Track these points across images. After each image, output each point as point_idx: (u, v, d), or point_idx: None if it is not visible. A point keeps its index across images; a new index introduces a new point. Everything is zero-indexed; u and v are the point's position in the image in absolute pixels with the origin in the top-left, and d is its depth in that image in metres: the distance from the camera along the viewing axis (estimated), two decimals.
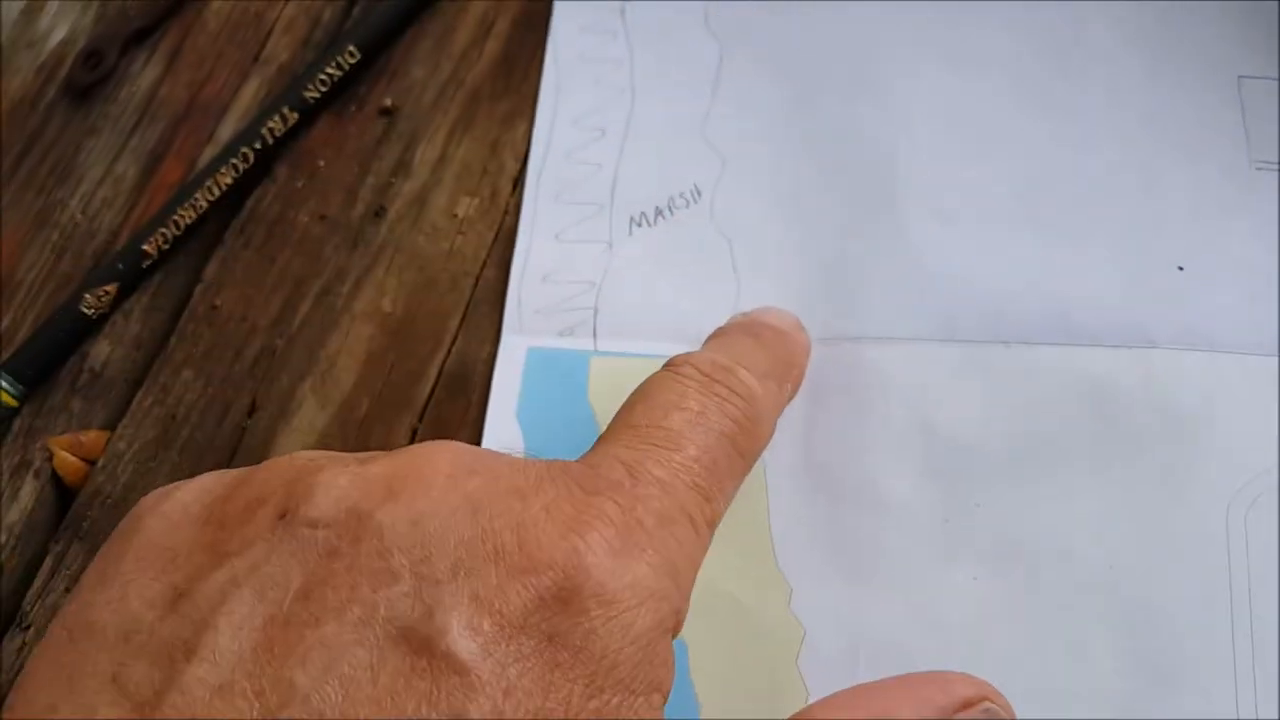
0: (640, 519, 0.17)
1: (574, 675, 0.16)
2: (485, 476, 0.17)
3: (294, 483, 0.18)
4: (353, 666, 0.15)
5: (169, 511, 0.18)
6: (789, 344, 0.23)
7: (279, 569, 0.16)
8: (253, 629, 0.16)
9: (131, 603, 0.17)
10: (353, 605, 0.16)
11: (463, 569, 0.16)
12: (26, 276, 0.28)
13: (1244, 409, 0.24)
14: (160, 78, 0.30)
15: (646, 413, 0.19)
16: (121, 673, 0.16)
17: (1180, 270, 0.25)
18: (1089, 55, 0.28)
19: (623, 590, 0.16)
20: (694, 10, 0.30)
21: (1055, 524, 0.23)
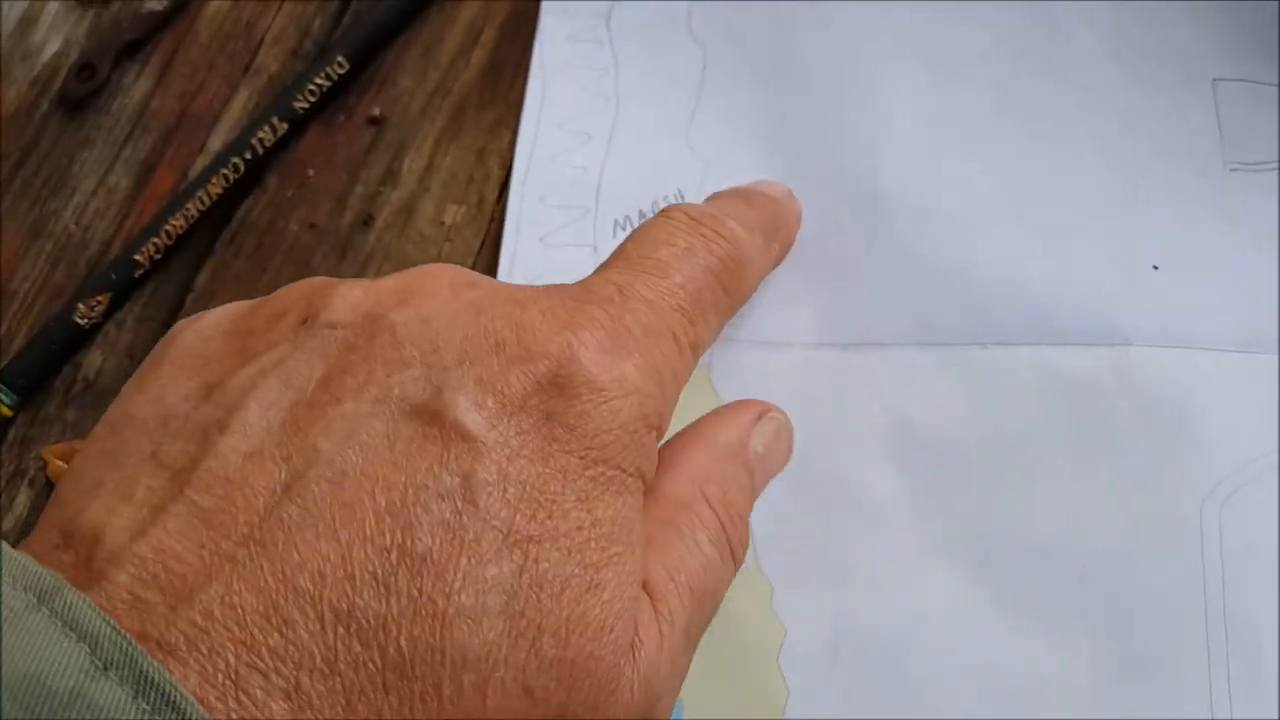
0: (628, 326, 0.19)
1: (570, 448, 0.17)
2: (485, 289, 0.19)
3: (313, 295, 0.19)
4: (371, 435, 0.17)
5: (200, 328, 0.20)
6: (778, 207, 0.25)
7: (302, 362, 0.18)
8: (280, 409, 0.17)
9: (168, 398, 0.18)
10: (370, 387, 0.17)
11: (467, 358, 0.18)
12: (21, 287, 0.29)
13: (1219, 406, 0.24)
14: (152, 89, 0.31)
15: (637, 247, 0.21)
16: (160, 449, 0.17)
17: (1155, 270, 0.26)
18: (1066, 58, 0.28)
19: (611, 382, 0.18)
20: (678, 15, 0.30)
21: (1033, 521, 0.24)
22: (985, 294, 0.26)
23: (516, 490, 0.17)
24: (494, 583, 0.16)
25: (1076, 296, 0.26)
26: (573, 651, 0.17)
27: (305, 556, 0.16)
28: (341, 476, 0.16)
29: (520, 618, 0.16)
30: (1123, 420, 0.24)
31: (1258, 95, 0.27)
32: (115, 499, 0.17)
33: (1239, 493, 0.24)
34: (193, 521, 0.16)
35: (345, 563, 0.16)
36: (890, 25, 0.29)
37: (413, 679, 0.16)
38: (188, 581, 0.16)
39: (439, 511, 0.16)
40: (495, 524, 0.16)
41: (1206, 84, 0.28)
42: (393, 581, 0.16)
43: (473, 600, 0.16)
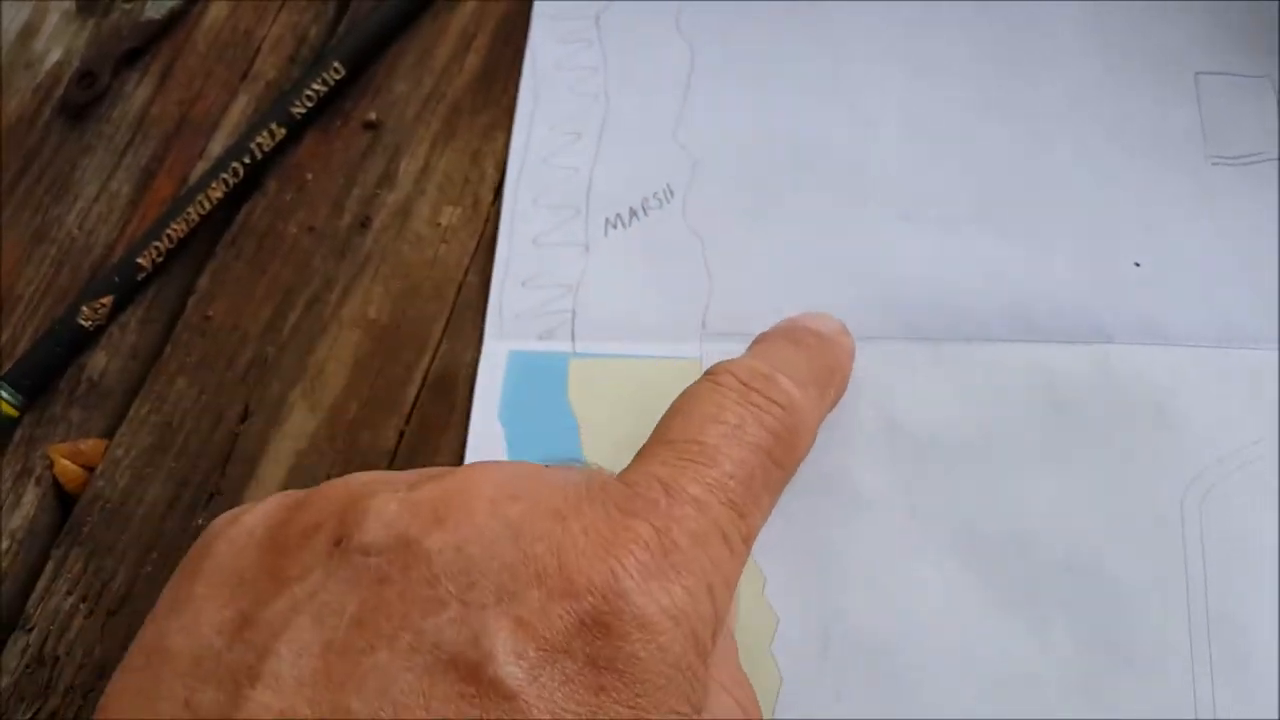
0: (675, 540, 0.18)
1: (618, 698, 0.16)
2: (526, 501, 0.18)
3: (347, 509, 0.18)
4: (405, 694, 0.16)
5: (235, 536, 0.19)
6: (832, 349, 0.23)
7: (335, 596, 0.17)
8: (311, 655, 0.17)
9: (202, 629, 0.18)
10: (404, 632, 0.16)
11: (506, 593, 0.17)
12: (25, 290, 0.29)
13: (1198, 400, 0.25)
14: (152, 96, 0.31)
15: (684, 427, 0.20)
16: (193, 697, 0.17)
17: (1137, 266, 0.26)
18: (1048, 55, 0.29)
19: (659, 614, 0.17)
20: (666, 13, 0.30)
21: (1017, 514, 0.24)
22: (969, 291, 0.26)
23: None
24: None
25: (1059, 294, 0.26)
26: None
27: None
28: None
29: None
30: (1104, 415, 0.25)
31: (1240, 88, 0.28)
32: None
33: (1219, 485, 0.24)
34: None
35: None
36: (875, 25, 0.30)
37: None
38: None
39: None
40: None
41: (1189, 78, 0.28)
42: None
43: None
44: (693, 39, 0.30)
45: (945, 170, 0.28)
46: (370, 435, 0.27)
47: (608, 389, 0.26)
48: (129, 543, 0.26)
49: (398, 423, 0.27)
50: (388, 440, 0.27)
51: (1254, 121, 0.27)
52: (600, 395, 0.26)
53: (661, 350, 0.27)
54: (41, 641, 0.26)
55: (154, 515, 0.27)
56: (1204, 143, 0.28)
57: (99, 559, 0.26)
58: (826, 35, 0.30)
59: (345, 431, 0.27)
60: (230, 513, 0.20)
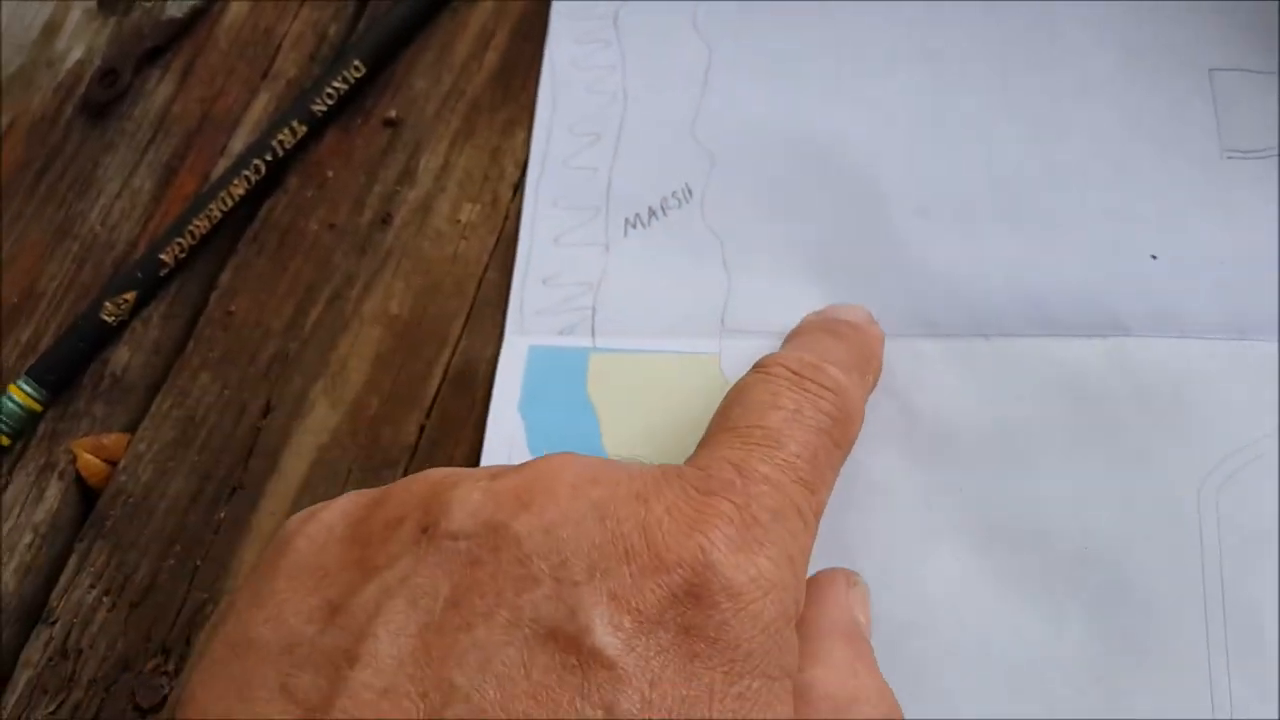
0: (755, 515, 0.18)
1: (713, 664, 0.17)
2: (606, 484, 0.18)
3: (430, 500, 0.19)
4: (506, 665, 0.16)
5: (314, 533, 0.19)
6: (865, 337, 0.24)
7: (427, 579, 0.17)
8: (409, 635, 0.17)
9: (289, 619, 0.18)
10: (500, 609, 0.17)
11: (598, 571, 0.17)
12: (49, 287, 0.30)
13: (1214, 392, 0.25)
14: (173, 94, 0.31)
15: (744, 414, 0.20)
16: (289, 682, 0.17)
17: (1153, 259, 0.26)
18: (1063, 51, 0.29)
19: (748, 584, 0.17)
20: (683, 12, 0.31)
21: (1033, 506, 0.24)
22: (986, 286, 0.27)
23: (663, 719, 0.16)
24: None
25: (1075, 288, 0.26)
26: None
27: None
28: (481, 714, 0.16)
29: None
30: (1121, 408, 0.25)
31: (1254, 84, 0.28)
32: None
33: (1235, 476, 0.24)
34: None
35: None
36: (890, 21, 0.30)
37: None
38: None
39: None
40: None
41: (1203, 74, 0.28)
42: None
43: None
44: (710, 37, 0.30)
45: (961, 166, 0.28)
46: (391, 430, 0.27)
47: (627, 383, 0.27)
48: (151, 536, 0.27)
49: (418, 417, 0.27)
50: (408, 435, 0.27)
51: (1268, 116, 0.28)
52: (620, 389, 0.27)
53: (681, 346, 0.27)
54: (65, 634, 0.26)
55: (176, 509, 0.27)
56: (1219, 137, 0.28)
57: (122, 553, 0.27)
58: (842, 32, 0.30)
59: (366, 426, 0.27)
60: (305, 511, 0.20)
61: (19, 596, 0.26)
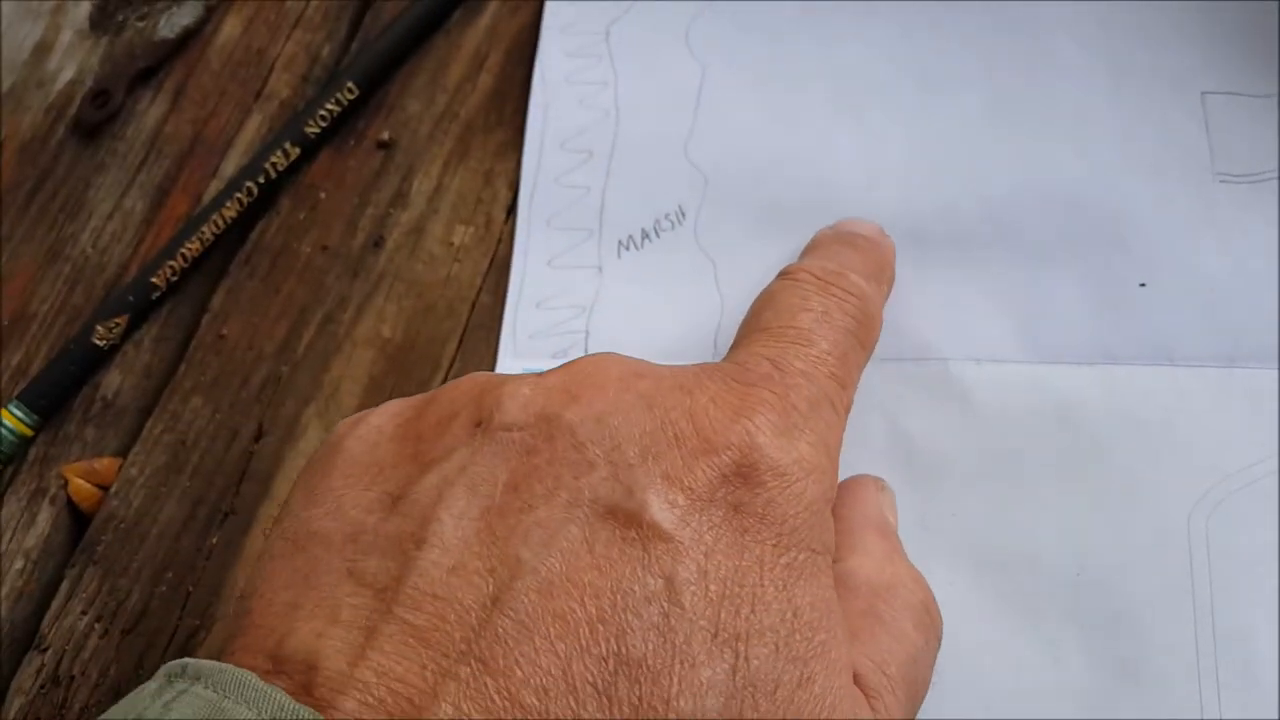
0: (795, 404, 0.19)
1: (762, 537, 0.18)
2: (651, 378, 0.19)
3: (481, 396, 0.19)
4: (570, 540, 0.17)
5: (365, 434, 0.20)
6: (879, 248, 0.25)
7: (485, 468, 0.18)
8: (472, 519, 0.17)
9: (349, 510, 0.18)
10: (559, 491, 0.18)
11: (650, 454, 0.18)
12: (40, 309, 0.29)
13: (1202, 420, 0.25)
14: (165, 115, 0.31)
15: (776, 316, 0.22)
16: (356, 567, 0.17)
17: (1142, 287, 0.26)
18: (1055, 75, 0.29)
19: (791, 465, 0.18)
20: (676, 28, 0.31)
21: (1026, 531, 0.25)
22: (977, 311, 0.27)
23: (718, 587, 0.17)
24: (709, 685, 0.16)
25: (1066, 315, 0.26)
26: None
27: (527, 672, 0.16)
28: (549, 586, 0.16)
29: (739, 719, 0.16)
30: (1112, 435, 0.25)
31: (1247, 107, 0.28)
32: (321, 621, 0.17)
33: (1225, 503, 0.24)
34: (409, 641, 0.16)
35: (566, 675, 0.16)
36: (883, 44, 0.30)
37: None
38: (415, 704, 0.16)
39: (648, 615, 0.16)
40: (703, 624, 0.17)
41: (1195, 97, 0.29)
42: (614, 692, 0.16)
43: (691, 704, 0.16)
44: (702, 56, 0.30)
45: (952, 189, 0.28)
46: None
47: None
48: (143, 562, 0.27)
49: None
50: None
51: (1260, 141, 0.28)
52: None
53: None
54: (56, 661, 0.26)
55: (168, 534, 0.27)
56: (1211, 161, 0.28)
57: (114, 578, 0.26)
58: (835, 56, 0.30)
59: None
60: (351, 418, 0.21)
61: (10, 623, 0.26)
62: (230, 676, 0.16)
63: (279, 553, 0.19)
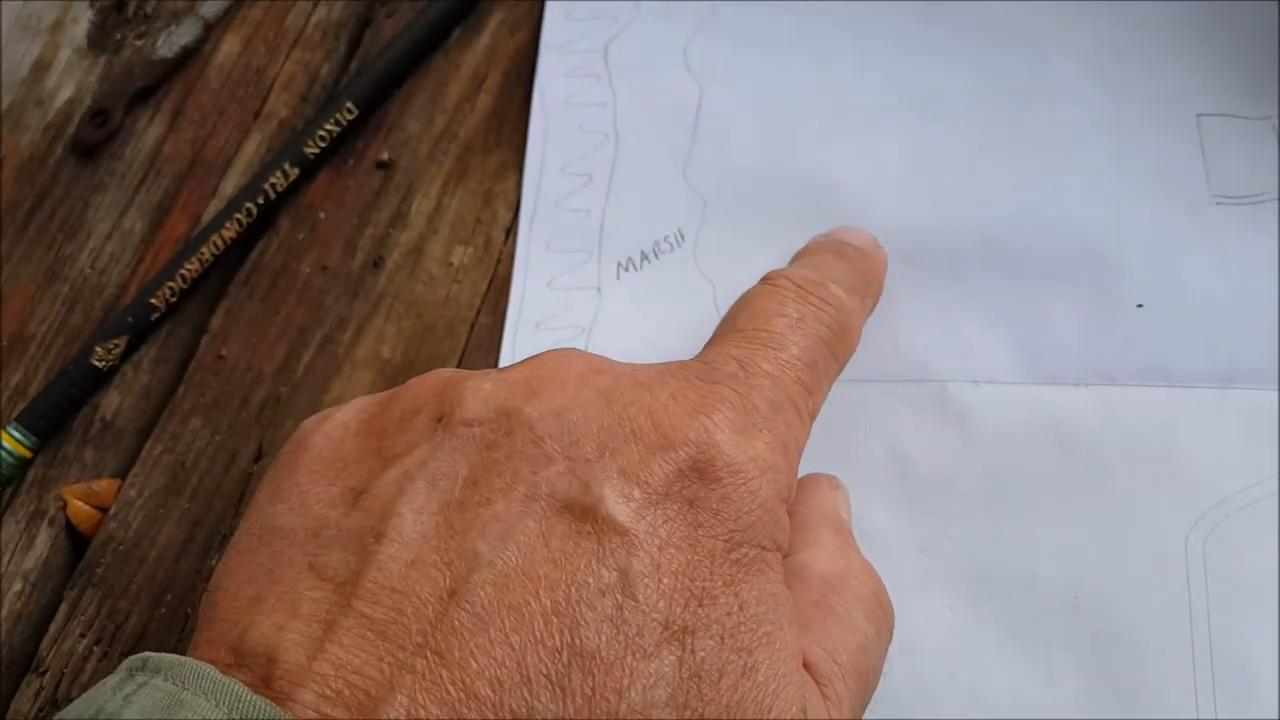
0: (756, 404, 0.20)
1: (715, 533, 0.18)
2: (611, 374, 0.20)
3: (444, 391, 0.20)
4: (526, 534, 0.17)
5: (330, 430, 0.20)
6: (869, 260, 0.25)
7: (445, 463, 0.18)
8: (431, 513, 0.18)
9: (312, 506, 0.19)
10: (517, 485, 0.18)
11: (607, 450, 0.18)
12: (38, 330, 0.29)
13: (1200, 441, 0.25)
14: (164, 135, 0.31)
15: (750, 319, 0.22)
16: (317, 561, 0.18)
17: (1139, 308, 0.27)
18: (1052, 98, 0.29)
19: (747, 463, 0.19)
20: (674, 47, 0.31)
21: (1024, 554, 0.25)
22: (976, 333, 0.27)
23: (670, 580, 0.17)
24: (658, 676, 0.17)
25: (1064, 336, 0.26)
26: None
27: (482, 664, 0.16)
28: (505, 579, 0.17)
29: (685, 709, 0.17)
30: (1110, 456, 0.25)
31: (1242, 129, 0.28)
32: (282, 615, 0.17)
33: (1222, 525, 0.24)
34: (366, 634, 0.16)
35: (520, 667, 0.16)
36: (880, 65, 0.30)
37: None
38: (371, 696, 0.16)
39: (602, 608, 0.17)
40: (655, 616, 0.17)
41: (1191, 119, 0.29)
42: (566, 683, 0.16)
43: (641, 696, 0.16)
44: (700, 77, 0.30)
45: (950, 209, 0.28)
46: None
47: None
48: (142, 584, 0.27)
49: None
50: None
51: (1256, 162, 0.28)
52: None
53: None
54: (55, 684, 0.26)
55: (167, 557, 0.27)
56: (1207, 183, 0.28)
57: (113, 601, 0.26)
58: (833, 78, 0.30)
59: None
60: (317, 415, 0.21)
61: (9, 645, 0.26)
62: (189, 669, 0.16)
63: (244, 547, 0.19)
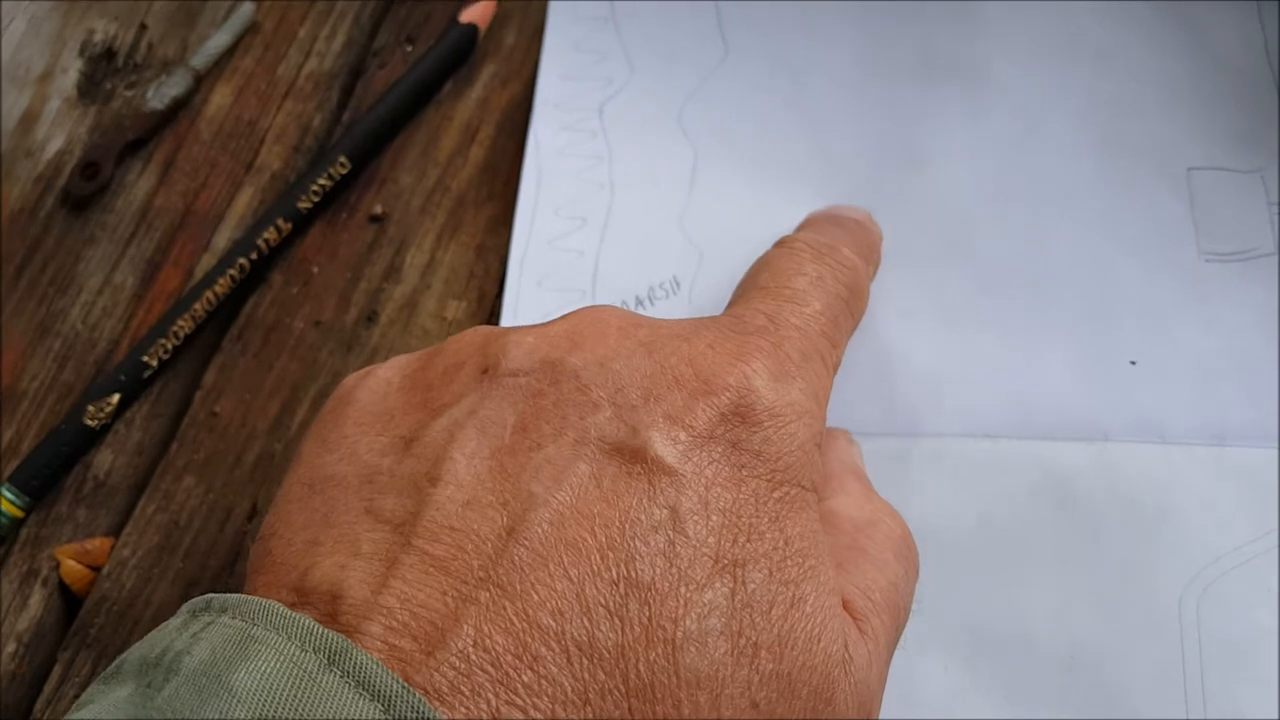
0: (788, 353, 0.21)
1: (759, 473, 0.19)
2: (649, 327, 0.21)
3: (486, 345, 0.20)
4: (579, 476, 0.18)
5: (374, 385, 0.21)
6: (868, 231, 0.27)
7: (494, 411, 0.19)
8: (483, 457, 0.18)
9: (363, 455, 0.19)
10: (566, 431, 0.19)
11: (652, 396, 0.19)
12: (30, 386, 0.29)
13: (1195, 499, 0.25)
14: (155, 187, 0.31)
15: (772, 278, 0.23)
16: (373, 505, 0.18)
17: (1132, 364, 0.27)
18: (1043, 150, 0.29)
19: (785, 407, 0.20)
20: (669, 112, 0.31)
21: (1020, 614, 0.25)
22: (970, 389, 0.27)
23: (719, 517, 0.18)
24: (711, 606, 0.17)
25: (1057, 390, 0.27)
26: (788, 665, 0.18)
27: (543, 596, 0.17)
28: (560, 517, 0.17)
29: (739, 637, 0.17)
30: (1103, 514, 0.25)
31: (1232, 183, 0.28)
32: (343, 555, 0.17)
33: (1216, 584, 0.25)
34: (429, 570, 0.17)
35: (580, 598, 0.17)
36: (871, 120, 0.30)
37: (654, 702, 0.16)
38: (437, 627, 0.16)
39: (655, 543, 0.17)
40: (705, 550, 0.18)
41: (1181, 173, 0.29)
42: (624, 612, 0.17)
43: (696, 624, 0.17)
44: (695, 136, 0.30)
45: (943, 265, 0.28)
46: None
47: None
48: None
49: None
50: None
51: (1245, 217, 0.28)
52: None
53: None
54: None
55: (162, 616, 0.27)
56: (1196, 238, 0.28)
57: (107, 661, 0.26)
58: (825, 132, 0.30)
59: None
60: (358, 373, 0.22)
61: (3, 707, 0.26)
62: (257, 606, 0.16)
63: (295, 496, 0.19)
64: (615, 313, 0.21)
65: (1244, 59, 0.30)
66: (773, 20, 0.31)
